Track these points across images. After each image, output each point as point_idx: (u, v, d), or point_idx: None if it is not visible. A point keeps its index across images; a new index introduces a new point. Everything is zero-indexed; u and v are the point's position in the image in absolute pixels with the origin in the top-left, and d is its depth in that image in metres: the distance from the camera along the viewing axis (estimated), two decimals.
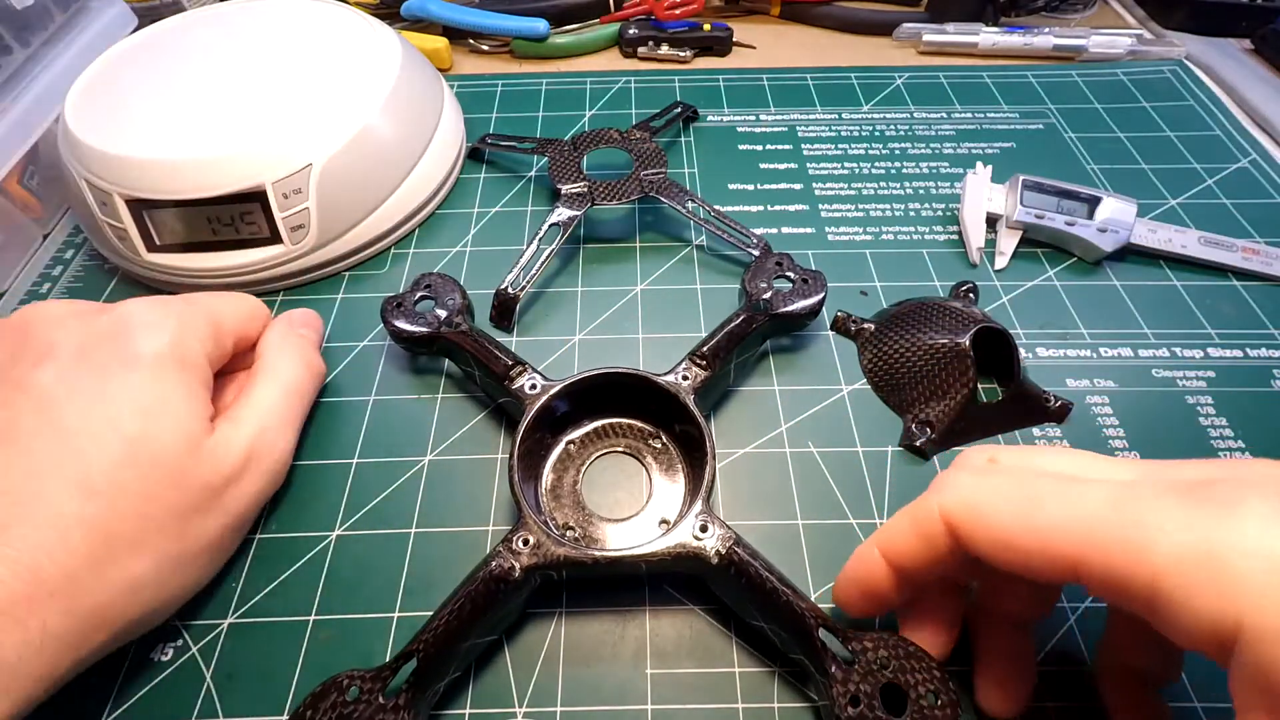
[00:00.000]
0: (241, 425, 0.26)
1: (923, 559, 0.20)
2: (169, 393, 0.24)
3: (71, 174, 0.35)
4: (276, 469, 0.27)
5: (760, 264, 0.34)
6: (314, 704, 0.21)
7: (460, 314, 0.32)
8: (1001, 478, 0.19)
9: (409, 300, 0.32)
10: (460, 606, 0.23)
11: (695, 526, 0.24)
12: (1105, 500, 0.16)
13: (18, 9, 0.40)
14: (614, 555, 0.24)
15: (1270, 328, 0.34)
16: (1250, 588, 0.14)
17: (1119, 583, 0.15)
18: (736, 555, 0.24)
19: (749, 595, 0.23)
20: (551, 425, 0.29)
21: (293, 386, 0.28)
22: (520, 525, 0.25)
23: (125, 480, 0.22)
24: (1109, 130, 0.45)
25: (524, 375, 0.29)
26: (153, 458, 0.23)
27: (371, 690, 0.21)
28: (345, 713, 0.21)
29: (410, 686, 0.22)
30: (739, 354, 0.31)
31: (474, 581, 0.23)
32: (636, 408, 0.30)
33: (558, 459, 0.29)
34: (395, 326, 0.31)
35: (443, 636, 0.23)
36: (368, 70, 0.37)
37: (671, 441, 0.30)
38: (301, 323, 0.31)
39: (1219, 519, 0.15)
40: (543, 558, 0.24)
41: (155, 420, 0.23)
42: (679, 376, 0.28)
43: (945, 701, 0.21)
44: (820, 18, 0.55)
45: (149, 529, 0.22)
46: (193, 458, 0.24)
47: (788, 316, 0.32)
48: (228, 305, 0.28)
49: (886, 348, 0.32)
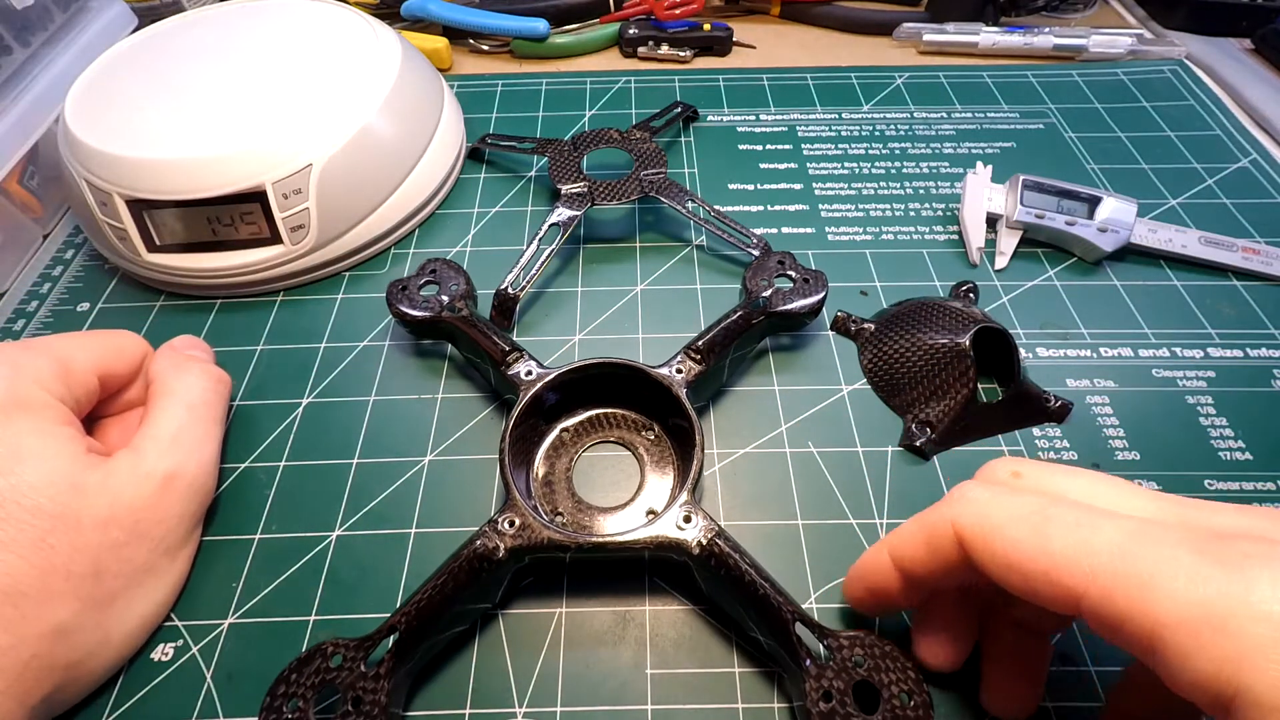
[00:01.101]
0: (145, 452, 0.25)
1: (931, 568, 0.20)
2: (20, 440, 0.23)
3: (71, 174, 0.35)
4: (200, 483, 0.27)
5: (762, 262, 0.34)
6: (298, 668, 0.22)
7: (462, 299, 0.32)
8: (1019, 499, 0.19)
9: (414, 285, 0.33)
10: (443, 583, 0.23)
11: (679, 517, 0.24)
12: (1118, 539, 0.16)
13: (18, 9, 0.40)
14: (596, 540, 0.24)
15: (1270, 328, 0.34)
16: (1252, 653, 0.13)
17: (1119, 626, 0.15)
18: (717, 547, 0.24)
19: (728, 587, 0.24)
20: (545, 413, 0.30)
21: (197, 399, 0.28)
22: (508, 507, 0.25)
23: (7, 537, 0.22)
24: (1109, 130, 0.45)
25: (520, 361, 0.29)
26: (32, 508, 0.22)
27: (354, 659, 0.22)
28: (328, 678, 0.22)
29: (391, 657, 0.22)
30: (735, 350, 0.31)
31: (457, 559, 0.24)
32: (631, 399, 0.30)
33: (550, 447, 0.30)
34: (399, 309, 0.32)
35: (424, 610, 0.23)
36: (368, 70, 0.37)
37: (664, 434, 0.30)
38: (188, 346, 0.30)
39: (1230, 577, 0.14)
40: (527, 540, 0.24)
41: (14, 471, 0.22)
42: (673, 369, 0.29)
43: (919, 702, 0.21)
44: (820, 18, 0.55)
45: (54, 576, 0.22)
46: (78, 497, 0.23)
47: (787, 315, 0.32)
48: (77, 343, 0.27)
49: (886, 348, 0.32)
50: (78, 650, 0.23)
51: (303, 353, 0.35)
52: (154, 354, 0.30)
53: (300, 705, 0.22)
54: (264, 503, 0.29)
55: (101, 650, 0.24)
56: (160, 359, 0.29)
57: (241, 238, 0.35)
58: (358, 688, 0.22)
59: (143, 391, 0.29)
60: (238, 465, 0.31)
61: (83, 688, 0.24)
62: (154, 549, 0.25)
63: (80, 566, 0.23)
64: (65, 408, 0.25)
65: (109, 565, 0.24)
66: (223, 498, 0.30)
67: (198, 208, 0.34)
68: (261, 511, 0.29)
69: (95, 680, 0.24)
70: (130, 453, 0.25)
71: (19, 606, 0.21)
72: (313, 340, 0.35)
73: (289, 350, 0.35)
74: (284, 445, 0.31)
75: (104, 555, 0.23)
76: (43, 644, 0.22)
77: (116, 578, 0.24)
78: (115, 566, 0.24)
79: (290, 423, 0.32)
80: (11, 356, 0.25)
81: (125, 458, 0.25)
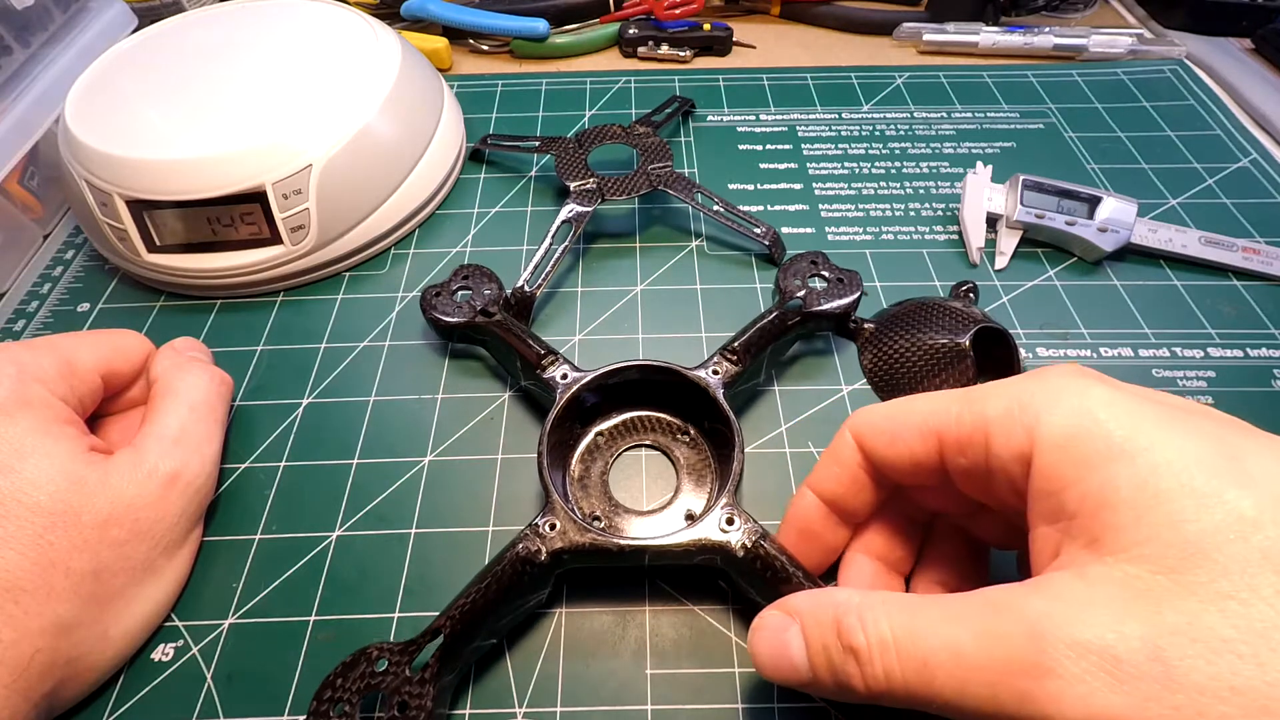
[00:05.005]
0: (147, 451, 0.25)
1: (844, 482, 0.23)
2: (22, 438, 0.23)
3: (71, 174, 0.35)
4: (201, 483, 0.27)
5: (794, 263, 0.34)
6: (344, 672, 0.22)
7: (496, 304, 0.33)
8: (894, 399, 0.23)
9: (448, 290, 0.33)
10: (487, 586, 0.23)
11: (721, 519, 0.24)
12: (957, 394, 0.21)
13: (18, 9, 0.40)
14: (639, 544, 0.24)
15: (1270, 328, 0.34)
16: (1042, 411, 0.18)
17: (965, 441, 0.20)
18: (762, 549, 0.24)
19: (773, 589, 0.24)
20: (581, 416, 0.30)
21: (199, 399, 0.28)
22: (547, 510, 0.25)
23: (7, 534, 0.22)
24: (1109, 130, 0.45)
25: (556, 365, 0.29)
26: (33, 505, 0.22)
27: (399, 663, 0.22)
28: (373, 682, 0.22)
29: (436, 661, 0.22)
30: (772, 353, 0.31)
31: (501, 562, 0.24)
32: (666, 401, 0.30)
33: (585, 450, 0.30)
34: (434, 316, 0.32)
35: (469, 614, 0.23)
36: (368, 70, 0.37)
37: (700, 436, 0.30)
38: (187, 348, 0.30)
39: (1031, 380, 0.19)
40: (568, 543, 0.24)
41: (18, 468, 0.23)
42: (709, 371, 0.29)
43: None
44: (820, 17, 0.55)
45: (54, 573, 0.22)
46: (79, 494, 0.23)
47: (822, 315, 0.32)
48: (80, 343, 0.28)
49: (886, 348, 0.32)
50: (78, 647, 0.23)
51: (303, 353, 0.35)
52: (156, 353, 0.30)
53: (346, 710, 0.21)
54: (264, 503, 0.29)
55: (102, 648, 0.24)
56: (162, 359, 0.29)
57: (241, 238, 0.35)
58: (403, 692, 0.22)
59: (145, 391, 0.29)
60: (238, 465, 0.31)
61: (84, 686, 0.24)
62: (154, 548, 0.25)
63: (80, 564, 0.23)
64: (68, 407, 0.26)
65: (109, 563, 0.24)
66: (223, 498, 0.30)
67: (198, 208, 0.34)
68: (261, 512, 0.29)
69: (96, 679, 0.24)
70: (132, 451, 0.25)
71: (20, 602, 0.22)
72: (313, 340, 0.35)
73: (289, 350, 0.35)
74: (284, 445, 0.31)
75: (104, 553, 0.24)
76: (45, 639, 0.22)
77: (116, 576, 0.24)
78: (115, 564, 0.24)
79: (290, 423, 0.32)
80: (15, 355, 0.25)
81: (127, 456, 0.25)
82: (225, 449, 0.30)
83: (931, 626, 0.17)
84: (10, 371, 0.25)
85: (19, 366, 0.25)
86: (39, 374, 0.25)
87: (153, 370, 0.29)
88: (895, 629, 0.17)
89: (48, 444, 0.24)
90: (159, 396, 0.28)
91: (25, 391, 0.24)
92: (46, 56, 0.41)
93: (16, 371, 0.25)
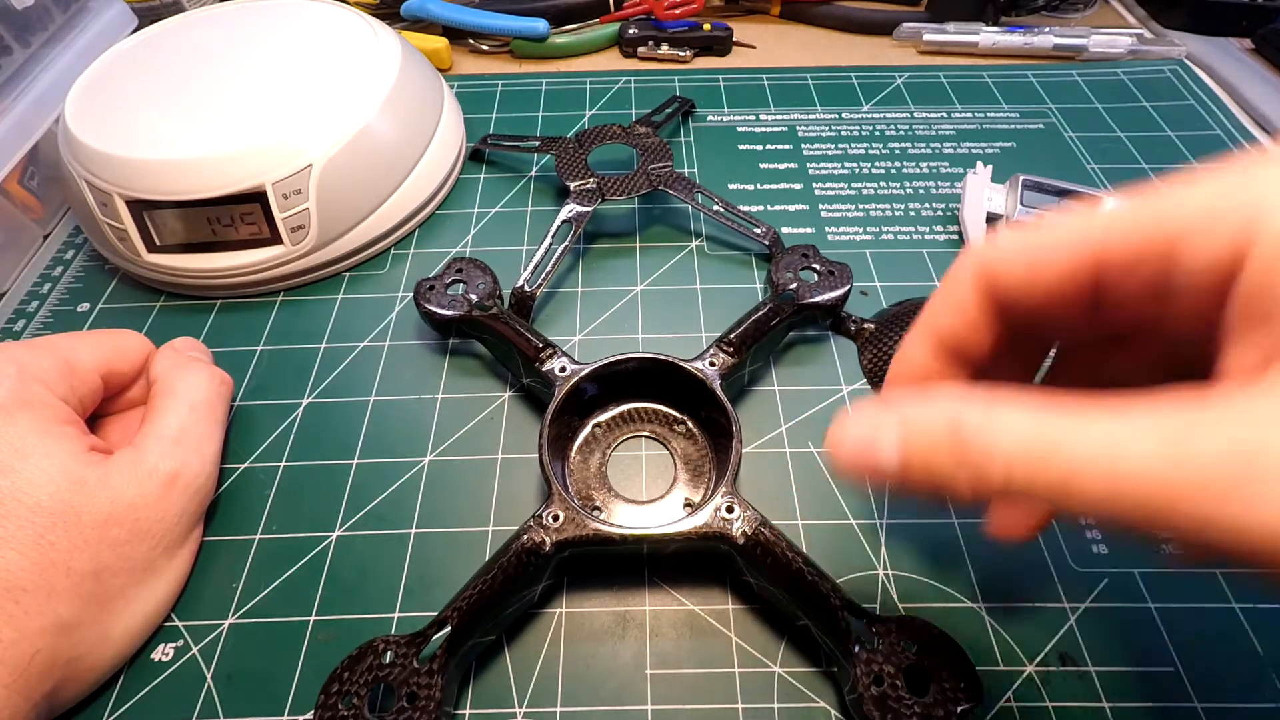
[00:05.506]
0: (147, 451, 0.25)
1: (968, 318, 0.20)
2: (22, 438, 0.23)
3: (71, 174, 0.35)
4: (200, 483, 0.27)
5: (786, 255, 0.34)
6: (351, 666, 0.22)
7: (491, 297, 0.33)
8: None
9: (441, 283, 0.33)
10: (493, 577, 0.24)
11: (722, 507, 0.25)
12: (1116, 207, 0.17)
13: (18, 9, 0.40)
14: (641, 533, 0.24)
15: None
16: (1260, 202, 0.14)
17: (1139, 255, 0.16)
18: (763, 536, 0.24)
19: (775, 576, 0.24)
20: (579, 408, 0.30)
21: (200, 399, 0.28)
22: (551, 501, 0.25)
23: (7, 534, 0.22)
24: (1109, 130, 0.45)
25: (554, 358, 0.29)
26: (33, 505, 0.23)
27: (406, 655, 0.22)
28: (381, 674, 0.22)
29: (443, 652, 0.22)
30: (767, 344, 0.31)
31: (506, 553, 0.24)
32: (663, 393, 0.30)
33: (584, 442, 0.30)
34: (427, 309, 0.32)
35: (475, 605, 0.23)
36: (368, 70, 0.37)
37: (697, 427, 0.30)
38: (187, 348, 0.31)
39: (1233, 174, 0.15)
40: (572, 533, 0.24)
41: (18, 468, 0.23)
42: (706, 363, 0.29)
43: (969, 685, 0.21)
44: (820, 17, 0.55)
45: (54, 572, 0.22)
46: (79, 494, 0.23)
47: (814, 307, 0.32)
48: (80, 343, 0.28)
49: (886, 348, 0.32)
50: (78, 647, 0.23)
51: (303, 353, 0.35)
52: (156, 353, 0.30)
53: (355, 702, 0.22)
54: (264, 503, 0.29)
55: (102, 648, 0.24)
56: (162, 359, 0.29)
57: (241, 238, 0.35)
58: (412, 683, 0.22)
59: (145, 391, 0.29)
60: (238, 465, 0.31)
61: (84, 685, 0.24)
62: (154, 548, 0.25)
63: (80, 563, 0.23)
64: (68, 407, 0.26)
65: (109, 563, 0.24)
66: (223, 498, 0.30)
67: (198, 208, 0.34)
68: (261, 512, 0.29)
69: (96, 679, 0.24)
70: (132, 451, 0.25)
71: (20, 602, 0.22)
72: (313, 340, 0.35)
73: (289, 350, 0.35)
74: (284, 445, 0.31)
75: (104, 553, 0.24)
76: (45, 639, 0.22)
77: (117, 575, 0.24)
78: (116, 564, 0.24)
79: (290, 423, 0.32)
80: (15, 355, 0.25)
81: (127, 456, 0.25)
82: (225, 449, 0.30)
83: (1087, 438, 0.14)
84: (10, 371, 0.25)
85: (19, 366, 0.25)
86: (39, 374, 0.25)
87: (153, 370, 0.29)
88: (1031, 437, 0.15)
89: (48, 444, 0.24)
90: (159, 396, 0.28)
91: (25, 391, 0.24)
92: (46, 56, 0.41)
93: (16, 371, 0.25)
